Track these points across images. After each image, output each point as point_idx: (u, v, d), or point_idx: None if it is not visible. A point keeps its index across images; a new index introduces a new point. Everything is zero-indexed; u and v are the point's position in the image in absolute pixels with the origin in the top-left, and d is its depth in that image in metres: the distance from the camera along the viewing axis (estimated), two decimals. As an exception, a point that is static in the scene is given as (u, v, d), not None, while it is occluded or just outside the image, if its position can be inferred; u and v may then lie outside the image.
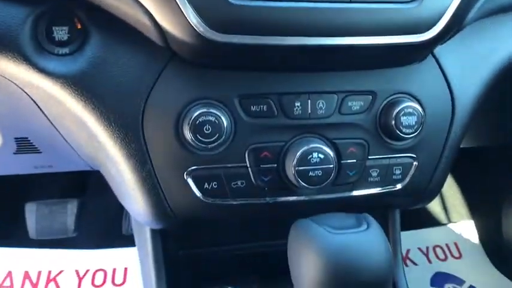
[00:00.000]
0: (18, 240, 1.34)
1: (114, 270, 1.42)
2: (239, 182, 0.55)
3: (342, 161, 0.56)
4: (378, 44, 0.50)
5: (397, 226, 0.69)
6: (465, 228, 1.57)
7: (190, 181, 0.54)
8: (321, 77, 0.55)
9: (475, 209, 1.57)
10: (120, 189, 0.61)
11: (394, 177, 0.59)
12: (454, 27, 0.55)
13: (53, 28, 0.49)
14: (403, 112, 0.55)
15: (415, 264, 1.46)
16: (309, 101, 0.54)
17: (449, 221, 1.59)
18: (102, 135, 0.53)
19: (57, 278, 1.35)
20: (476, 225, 1.56)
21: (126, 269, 1.44)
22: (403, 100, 0.56)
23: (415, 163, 0.59)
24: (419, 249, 1.51)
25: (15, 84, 0.56)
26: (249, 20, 0.46)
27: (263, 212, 0.57)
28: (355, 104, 0.56)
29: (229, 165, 0.54)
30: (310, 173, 0.53)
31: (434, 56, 0.60)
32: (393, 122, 0.55)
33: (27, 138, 0.75)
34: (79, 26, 0.50)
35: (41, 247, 1.37)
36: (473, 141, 1.09)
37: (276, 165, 0.55)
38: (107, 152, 0.55)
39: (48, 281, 1.34)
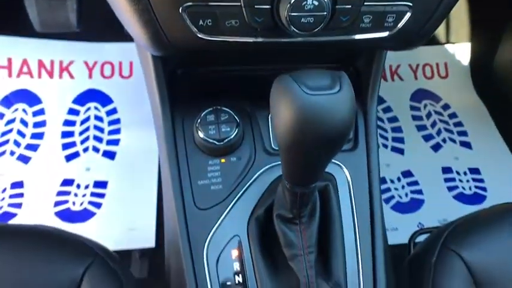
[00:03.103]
0: (25, 32, 1.39)
1: (120, 64, 1.53)
2: (233, 21, 0.57)
3: (337, 6, 0.56)
4: None
5: (380, 66, 0.74)
6: (460, 49, 1.60)
7: (185, 17, 0.56)
8: None
9: (476, 31, 1.56)
10: (118, 15, 0.63)
11: (385, 24, 0.60)
12: None
13: None
14: None
15: (401, 79, 1.56)
16: None
17: (448, 41, 1.61)
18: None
19: (70, 68, 1.47)
20: (471, 48, 1.59)
21: (131, 62, 1.54)
22: None
23: (409, 12, 0.59)
24: (409, 65, 1.57)
25: None
26: None
27: (255, 49, 0.61)
28: None
29: (224, 3, 0.55)
30: (302, 20, 0.54)
31: None
32: None
33: None
34: None
35: (48, 38, 1.43)
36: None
37: (270, 6, 0.55)
38: None
39: (62, 69, 1.46)
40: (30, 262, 0.56)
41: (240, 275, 0.61)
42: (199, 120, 0.71)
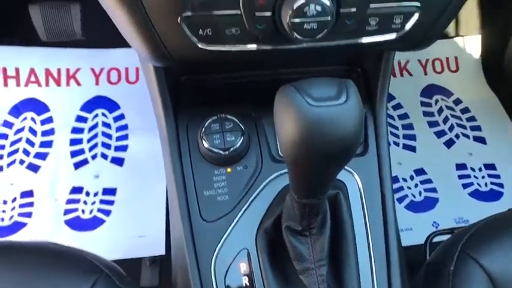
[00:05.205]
0: (32, 41, 1.39)
1: (126, 69, 1.52)
2: (233, 30, 0.55)
3: (341, 10, 0.54)
4: None
5: (389, 66, 0.71)
6: (470, 42, 1.56)
7: (185, 27, 0.54)
8: None
9: (486, 23, 1.51)
10: (118, 27, 0.61)
11: (393, 26, 0.57)
12: None
13: None
14: None
15: (410, 75, 1.52)
16: None
17: (457, 34, 1.56)
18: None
19: (76, 75, 1.47)
20: (482, 40, 1.54)
21: (137, 68, 1.53)
22: None
23: (417, 13, 0.57)
24: (419, 61, 1.54)
25: None
26: None
27: (258, 57, 0.59)
28: None
29: (223, 12, 0.53)
30: (305, 26, 0.52)
31: None
32: None
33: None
34: None
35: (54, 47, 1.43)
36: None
37: (271, 13, 0.53)
38: None
39: (69, 77, 1.46)
40: (33, 281, 0.56)
41: (250, 290, 0.60)
42: (203, 130, 0.69)
